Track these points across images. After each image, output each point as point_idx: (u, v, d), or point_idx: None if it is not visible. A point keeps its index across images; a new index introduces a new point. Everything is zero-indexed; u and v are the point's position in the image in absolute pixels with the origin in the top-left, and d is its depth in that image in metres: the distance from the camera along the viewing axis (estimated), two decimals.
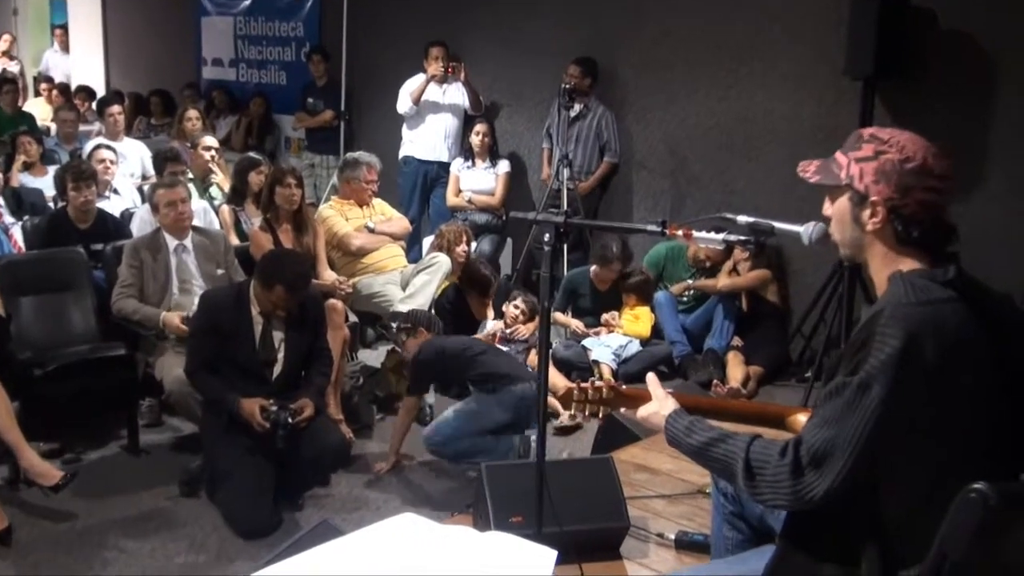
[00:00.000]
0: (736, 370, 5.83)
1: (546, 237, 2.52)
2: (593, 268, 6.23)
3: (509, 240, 7.53)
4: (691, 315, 6.43)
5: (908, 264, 1.95)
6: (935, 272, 1.92)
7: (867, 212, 1.98)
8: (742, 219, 2.34)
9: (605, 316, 6.21)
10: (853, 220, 2.01)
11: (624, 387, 2.34)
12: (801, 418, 2.29)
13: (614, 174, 7.23)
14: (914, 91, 5.69)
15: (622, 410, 2.34)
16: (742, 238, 2.32)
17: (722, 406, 2.43)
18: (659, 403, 2.24)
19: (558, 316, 6.45)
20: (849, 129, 6.14)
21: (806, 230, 2.20)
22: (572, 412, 2.32)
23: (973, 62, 5.54)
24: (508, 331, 5.80)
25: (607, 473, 3.25)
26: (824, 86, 6.12)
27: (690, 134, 6.85)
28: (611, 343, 6.01)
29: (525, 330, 5.89)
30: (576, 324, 6.24)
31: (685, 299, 6.49)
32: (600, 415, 2.31)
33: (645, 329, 6.17)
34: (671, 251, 6.57)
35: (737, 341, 6.11)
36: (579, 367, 5.91)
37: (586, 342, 6.06)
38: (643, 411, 2.24)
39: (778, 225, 2.29)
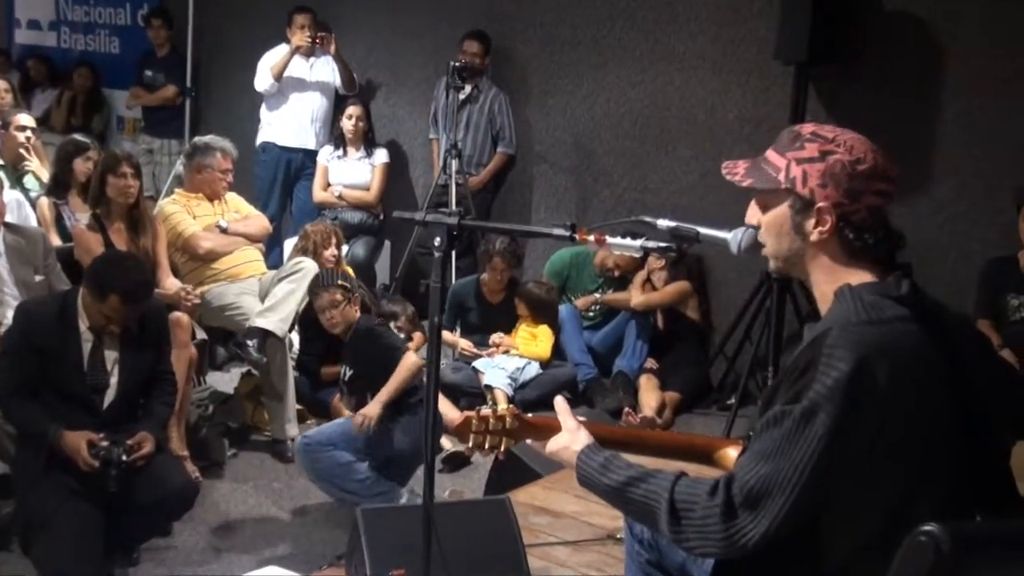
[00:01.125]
0: (650, 396, 5.94)
1: (436, 241, 2.53)
2: (483, 276, 6.27)
3: (387, 243, 7.53)
4: (598, 332, 6.53)
5: (857, 277, 2.01)
6: (887, 286, 1.98)
7: (812, 220, 2.03)
8: (663, 223, 2.39)
9: (493, 337, 6.25)
10: (794, 229, 2.06)
11: (530, 416, 2.35)
12: (732, 452, 2.34)
13: (509, 168, 7.30)
14: (852, 79, 5.91)
15: (528, 442, 2.36)
16: (662, 245, 2.37)
17: (641, 438, 2.47)
18: (570, 436, 2.24)
19: (444, 335, 6.45)
20: (778, 121, 6.49)
21: (735, 237, 2.26)
22: (469, 446, 2.32)
23: (919, 48, 5.78)
24: None
25: (503, 517, 3.27)
26: (751, 71, 6.31)
27: (598, 123, 6.97)
28: (506, 366, 6.05)
29: None
30: (464, 344, 6.26)
31: (591, 314, 6.60)
32: (502, 449, 2.32)
33: (545, 349, 6.24)
34: (576, 258, 6.66)
35: (651, 363, 6.23)
36: (469, 393, 5.93)
37: (477, 364, 6.09)
38: (552, 445, 2.25)
39: (703, 231, 2.35)
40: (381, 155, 7.41)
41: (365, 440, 4.40)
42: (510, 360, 6.11)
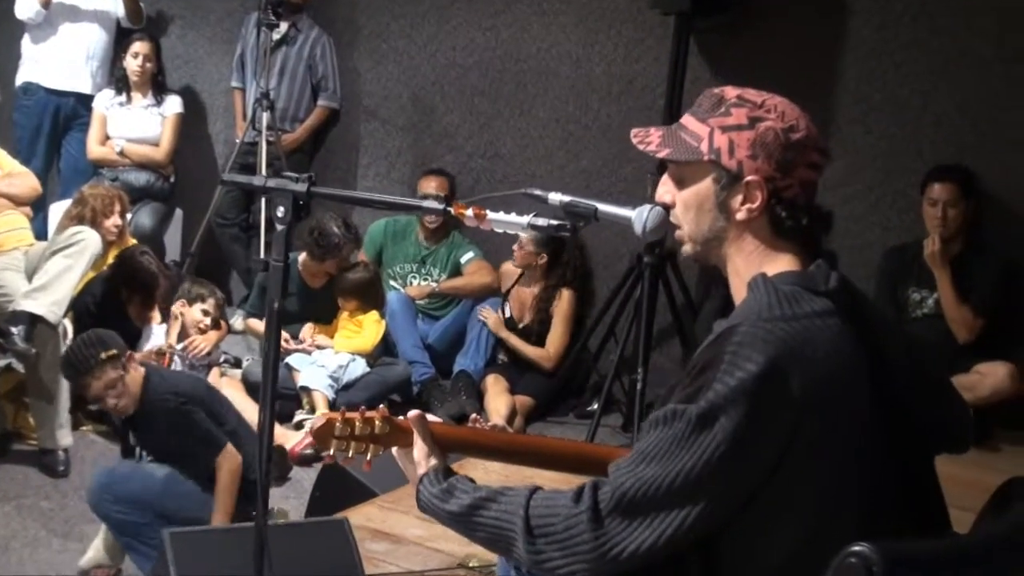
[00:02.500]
0: (498, 400, 6.04)
1: (279, 211, 2.56)
2: (302, 257, 6.26)
3: (179, 212, 7.43)
4: (436, 324, 6.62)
5: (779, 264, 2.10)
6: (809, 277, 2.07)
7: (739, 196, 2.10)
8: (555, 198, 2.45)
9: (304, 331, 6.27)
10: (717, 207, 2.13)
11: (402, 419, 2.40)
12: None
13: (332, 124, 7.33)
14: (741, 35, 6.13)
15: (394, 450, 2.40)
16: (554, 223, 2.43)
17: (519, 446, 2.54)
18: (420, 453, 2.32)
19: (252, 323, 6.43)
20: (653, 79, 6.71)
21: (640, 216, 2.34)
22: (331, 453, 2.35)
23: (818, 2, 6.03)
24: (181, 345, 5.72)
25: (342, 540, 3.31)
26: (624, 21, 6.47)
27: (440, 74, 7.03)
28: (327, 363, 6.06)
29: (206, 343, 5.82)
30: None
31: (428, 303, 6.71)
32: (369, 458, 2.36)
33: (369, 342, 6.27)
34: (393, 226, 6.81)
35: (501, 331, 6.39)
36: (282, 395, 5.91)
37: (291, 360, 6.07)
38: (401, 460, 2.35)
39: (603, 208, 2.42)
40: (173, 104, 7.30)
41: (170, 493, 4.35)
42: (332, 356, 6.11)
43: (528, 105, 6.80)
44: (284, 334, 6.26)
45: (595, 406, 6.04)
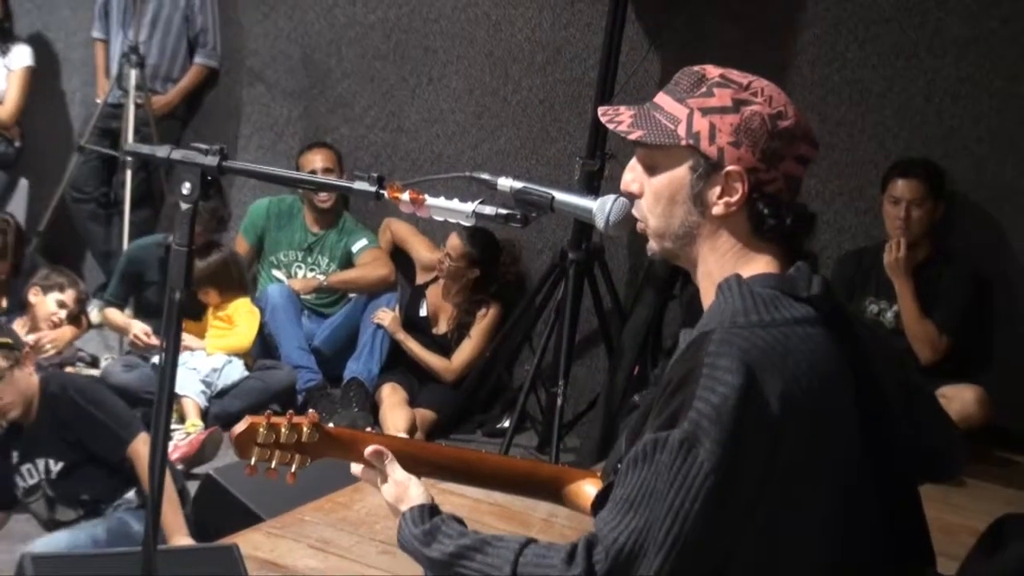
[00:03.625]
0: (395, 414, 6.10)
1: (185, 188, 2.57)
2: (170, 238, 6.19)
3: (24, 182, 7.36)
4: (324, 323, 6.65)
5: (756, 266, 2.15)
6: (788, 280, 2.12)
7: (717, 188, 2.12)
8: (505, 183, 2.48)
9: (135, 331, 6.22)
10: (692, 199, 2.15)
11: (333, 427, 2.43)
12: (589, 489, 2.45)
13: (210, 86, 7.31)
14: (685, 4, 6.17)
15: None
16: (503, 211, 2.46)
17: (465, 462, 2.57)
18: (395, 488, 2.34)
19: (112, 315, 6.36)
20: (583, 51, 6.75)
21: (602, 207, 2.37)
22: (252, 463, 2.37)
23: None
24: (30, 340, 5.66)
25: (231, 570, 3.32)
26: None
27: (338, 34, 7.05)
28: (198, 366, 6.04)
29: (57, 340, 5.77)
30: (140, 329, 6.20)
31: (314, 298, 6.77)
32: (293, 470, 2.38)
33: (245, 338, 6.26)
34: (277, 208, 6.84)
35: (399, 332, 6.44)
36: (146, 400, 5.86)
37: (158, 361, 6.01)
38: (385, 494, 2.36)
39: (560, 197, 2.45)
40: (21, 55, 7.21)
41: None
42: (204, 359, 6.09)
43: (438, 73, 6.83)
44: (144, 327, 6.22)
45: (507, 423, 6.11)
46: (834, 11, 6.01)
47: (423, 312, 6.58)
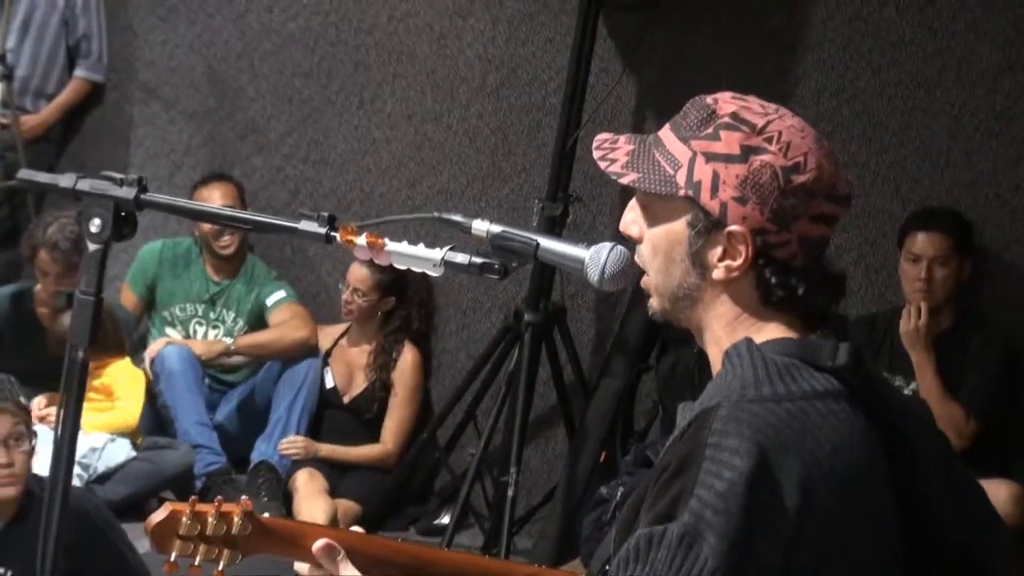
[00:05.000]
0: (312, 505, 6.09)
1: (94, 226, 2.58)
2: (37, 287, 6.18)
3: None
4: (229, 393, 6.65)
5: (768, 331, 2.17)
6: (814, 347, 2.13)
7: (718, 249, 2.14)
8: (481, 227, 2.50)
9: (34, 404, 6.05)
10: (690, 258, 2.18)
11: (268, 517, 2.42)
12: None
13: (93, 104, 7.32)
14: (670, 17, 6.18)
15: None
16: (478, 261, 2.48)
17: (434, 563, 2.57)
18: None
19: None
20: (545, 70, 6.71)
21: (597, 257, 2.39)
22: (172, 559, 2.36)
23: None
24: None
25: None
26: None
27: (250, 45, 7.08)
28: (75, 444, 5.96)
29: None
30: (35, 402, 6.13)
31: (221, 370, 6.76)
32: (221, 568, 2.37)
33: (131, 414, 6.21)
34: (172, 252, 6.83)
35: (321, 449, 6.40)
36: None
37: None
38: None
39: (546, 244, 2.47)
40: None
41: None
42: (81, 437, 6.01)
43: (370, 95, 6.86)
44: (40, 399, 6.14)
45: (446, 518, 6.12)
46: (844, 31, 6.04)
47: (329, 383, 6.59)
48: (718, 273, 2.15)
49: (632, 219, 2.27)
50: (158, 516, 2.34)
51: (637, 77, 6.19)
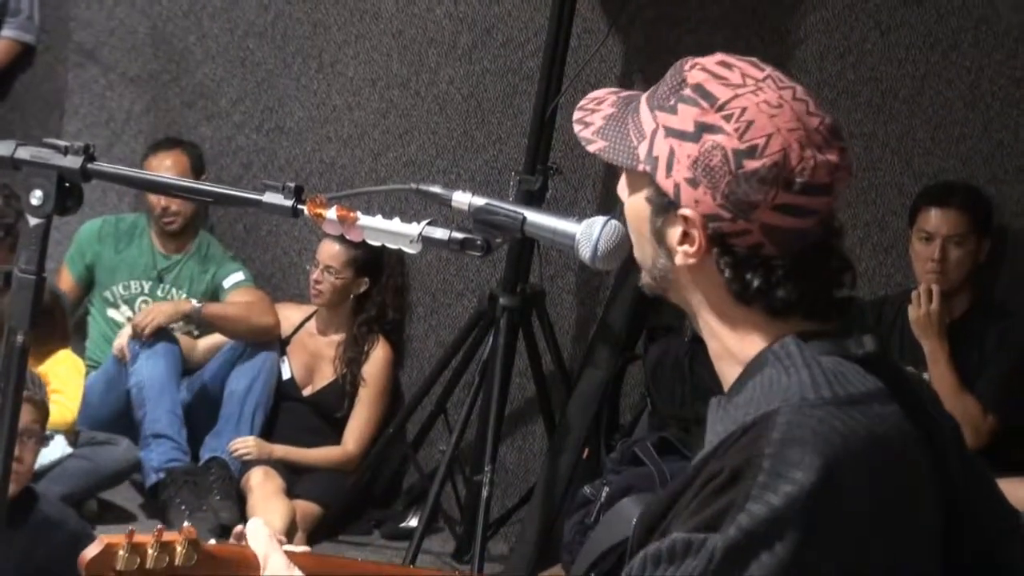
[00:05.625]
0: (268, 507, 6.07)
1: (35, 198, 2.57)
2: None
3: None
4: (181, 382, 6.63)
5: (780, 325, 2.13)
6: (839, 341, 2.12)
7: (677, 231, 2.13)
8: (462, 199, 2.51)
9: None
10: (655, 236, 2.18)
11: (215, 544, 2.42)
12: None
13: (22, 67, 7.30)
14: None
15: None
16: (459, 236, 2.48)
17: None
18: None
19: None
20: (522, 30, 6.73)
21: (588, 233, 2.40)
22: None
23: None
24: None
25: None
26: None
27: (198, 2, 7.07)
28: None
29: None
30: None
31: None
32: None
33: (68, 411, 6.16)
34: (114, 228, 6.85)
35: (275, 451, 6.41)
36: None
37: None
38: None
39: (533, 218, 2.48)
40: None
41: None
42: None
43: (330, 57, 6.86)
44: None
45: (414, 521, 6.15)
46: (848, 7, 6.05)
47: (286, 374, 6.60)
48: (679, 258, 2.14)
49: (620, 186, 2.27)
50: (91, 551, 2.32)
51: (623, 38, 6.19)
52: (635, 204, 2.19)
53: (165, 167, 6.57)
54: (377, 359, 6.50)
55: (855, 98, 6.03)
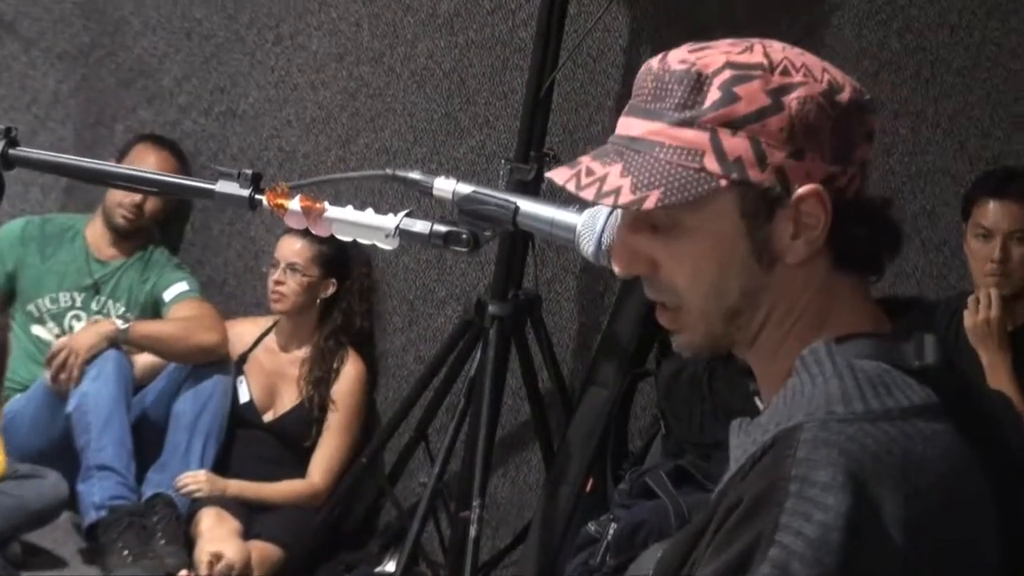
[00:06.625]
0: (226, 545, 6.09)
1: None
2: None
3: None
4: (134, 400, 6.65)
5: (843, 320, 2.19)
6: (896, 343, 2.15)
7: (788, 227, 2.15)
8: (446, 186, 2.53)
9: None
10: (755, 255, 2.18)
11: None
12: None
13: None
14: None
15: None
16: (443, 229, 2.50)
17: None
18: None
19: None
20: (500, 8, 6.66)
21: (591, 224, 2.42)
22: None
23: None
24: None
25: None
26: None
27: None
28: None
29: None
30: None
31: None
32: None
33: None
34: (41, 230, 6.86)
35: (229, 487, 6.42)
36: None
37: None
38: None
39: (527, 207, 2.49)
40: None
41: None
42: None
43: (290, 28, 6.89)
44: None
45: (390, 566, 6.19)
46: None
47: (244, 396, 6.61)
48: (796, 254, 2.16)
49: (632, 255, 2.25)
50: None
51: (629, 3, 6.20)
52: (717, 230, 2.17)
53: (149, 165, 6.56)
54: (347, 377, 6.53)
55: (900, 71, 6.02)
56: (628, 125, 2.20)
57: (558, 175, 2.20)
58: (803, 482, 1.95)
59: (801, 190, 2.12)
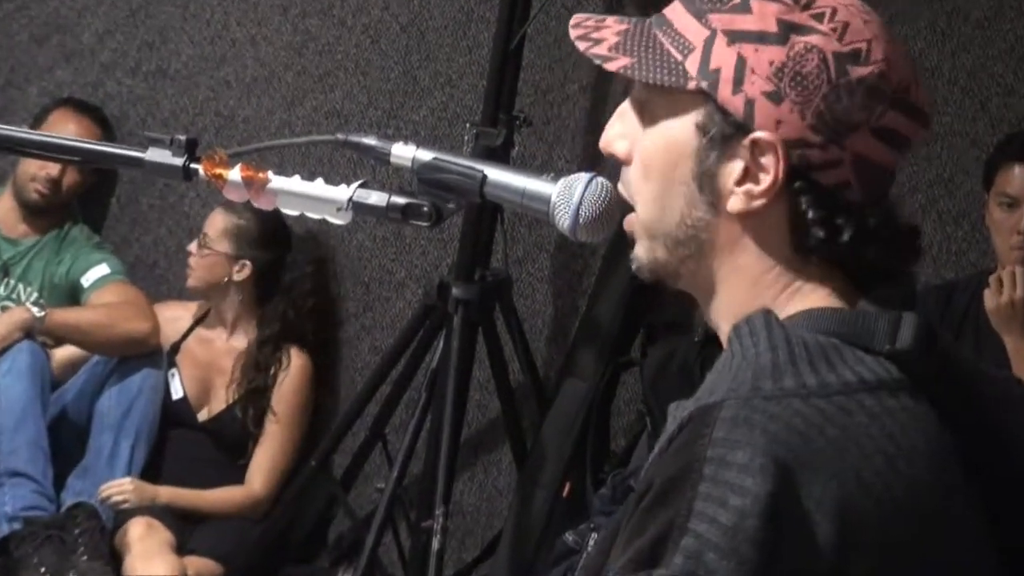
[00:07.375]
0: (151, 565, 6.13)
1: None
2: None
3: None
4: (52, 398, 6.64)
5: (805, 296, 2.18)
6: (864, 321, 2.13)
7: (736, 166, 2.15)
8: (404, 153, 2.52)
9: None
10: (698, 178, 2.19)
11: None
12: None
13: None
14: None
15: None
16: (401, 201, 2.49)
17: None
18: None
19: None
20: None
21: (567, 193, 2.39)
22: None
23: None
24: None
25: None
26: None
27: None
28: None
29: None
30: None
31: None
32: None
33: None
34: None
35: (160, 494, 6.41)
36: None
37: None
38: None
39: (495, 175, 2.48)
40: None
41: None
42: None
43: None
44: None
45: None
46: None
47: (176, 392, 6.62)
48: (735, 202, 2.15)
49: (619, 131, 2.28)
50: None
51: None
52: (674, 138, 2.19)
53: (70, 131, 6.53)
54: (291, 374, 6.53)
55: (913, 22, 6.06)
56: (672, 5, 2.23)
57: (574, 20, 2.27)
58: (719, 464, 1.95)
59: (760, 133, 2.11)
